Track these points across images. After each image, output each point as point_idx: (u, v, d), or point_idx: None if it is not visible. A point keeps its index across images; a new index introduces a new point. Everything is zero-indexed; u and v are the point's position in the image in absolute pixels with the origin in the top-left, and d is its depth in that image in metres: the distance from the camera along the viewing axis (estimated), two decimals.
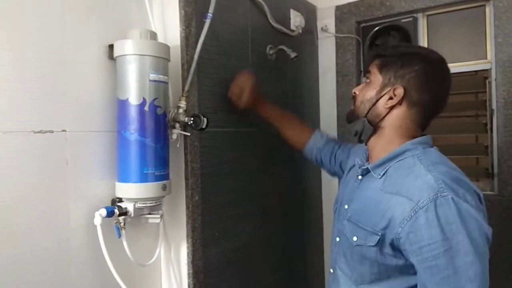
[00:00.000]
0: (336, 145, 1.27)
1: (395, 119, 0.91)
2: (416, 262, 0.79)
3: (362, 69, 1.82)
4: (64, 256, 0.89)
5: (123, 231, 0.94)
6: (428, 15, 1.70)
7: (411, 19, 1.69)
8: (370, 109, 0.92)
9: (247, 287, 1.27)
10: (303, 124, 1.35)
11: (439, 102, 0.93)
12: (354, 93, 0.99)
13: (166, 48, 0.98)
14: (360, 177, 0.97)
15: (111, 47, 0.96)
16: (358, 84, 1.81)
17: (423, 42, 1.70)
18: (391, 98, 0.89)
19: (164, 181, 0.97)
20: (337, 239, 1.01)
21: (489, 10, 1.56)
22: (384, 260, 0.86)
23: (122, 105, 0.93)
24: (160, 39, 1.03)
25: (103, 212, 0.91)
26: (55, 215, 0.87)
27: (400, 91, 0.88)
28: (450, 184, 0.79)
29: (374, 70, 0.93)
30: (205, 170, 1.13)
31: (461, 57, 1.63)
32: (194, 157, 1.10)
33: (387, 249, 0.84)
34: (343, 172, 1.15)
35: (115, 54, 0.94)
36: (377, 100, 0.91)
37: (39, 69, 0.85)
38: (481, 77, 1.59)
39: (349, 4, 1.79)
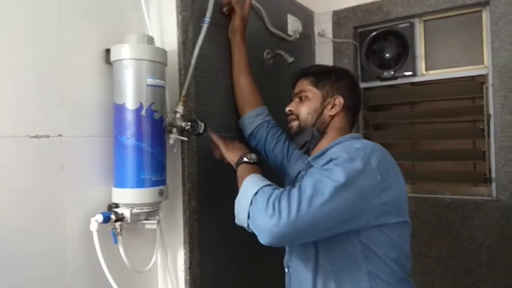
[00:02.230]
0: (275, 133, 1.26)
1: (337, 123, 1.06)
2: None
3: (359, 74, 1.82)
4: (59, 262, 0.87)
5: (119, 237, 0.93)
6: (425, 21, 1.71)
7: (408, 24, 1.70)
8: (317, 118, 1.06)
9: None
10: (254, 97, 1.28)
11: (360, 105, 1.14)
12: (290, 110, 1.10)
13: (163, 52, 0.97)
14: (303, 172, 1.08)
15: (108, 51, 0.95)
16: None
17: (420, 47, 1.71)
18: (333, 107, 1.05)
19: (161, 187, 0.97)
20: None
21: (485, 16, 1.57)
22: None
23: (119, 109, 0.92)
24: (157, 43, 1.03)
25: (99, 217, 0.89)
26: (51, 220, 0.86)
27: (340, 100, 1.05)
28: (368, 147, 0.91)
29: (308, 87, 1.08)
30: (202, 175, 1.13)
31: (458, 63, 1.64)
32: (191, 162, 1.09)
33: None
34: (282, 169, 1.24)
35: (112, 58, 0.93)
36: (322, 110, 1.05)
37: (34, 73, 0.84)
38: (478, 82, 1.60)
39: (346, 9, 1.80)
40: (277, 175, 1.25)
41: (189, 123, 1.02)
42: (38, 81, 0.84)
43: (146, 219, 0.99)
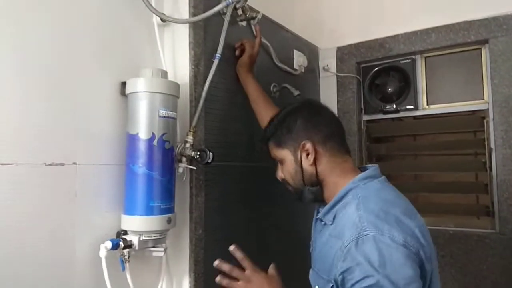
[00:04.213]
0: None
1: (324, 166, 0.96)
2: None
3: (362, 106, 1.87)
4: (68, 287, 0.89)
5: (127, 264, 0.94)
6: (426, 57, 1.77)
7: (409, 60, 1.76)
8: (303, 177, 0.97)
9: None
10: (272, 108, 1.25)
11: (336, 123, 1.02)
12: (281, 178, 1.04)
13: (176, 86, 1.02)
14: (317, 225, 1.02)
15: (123, 84, 1.00)
16: (359, 121, 1.86)
17: (421, 82, 1.76)
18: (308, 155, 0.95)
19: (169, 214, 0.99)
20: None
21: (485, 53, 1.63)
22: None
23: (132, 139, 0.97)
24: (171, 77, 1.08)
25: (109, 244, 0.92)
26: (62, 245, 0.89)
27: (307, 145, 0.95)
28: (374, 221, 0.81)
29: (277, 152, 1.01)
30: (209, 203, 1.15)
31: (459, 97, 1.69)
32: (199, 190, 1.12)
33: None
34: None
35: (127, 91, 0.98)
36: (301, 165, 0.96)
37: (52, 103, 0.89)
38: (478, 116, 1.64)
39: (349, 45, 1.87)
40: None
41: (198, 153, 1.06)
42: (55, 111, 0.89)
43: (154, 247, 1.01)
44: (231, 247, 1.00)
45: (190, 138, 1.08)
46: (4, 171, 0.79)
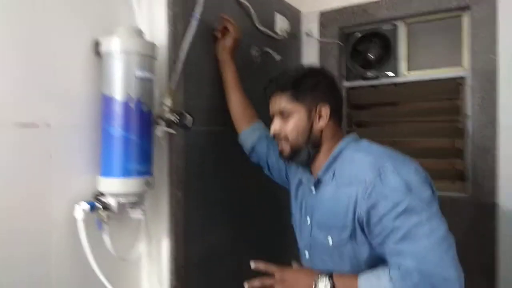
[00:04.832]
0: (272, 146, 1.22)
1: (328, 133, 1.01)
2: (378, 233, 0.86)
3: (344, 73, 1.87)
4: (45, 249, 0.89)
5: (104, 226, 0.95)
6: (409, 23, 1.76)
7: (392, 26, 1.75)
8: (308, 137, 1.00)
9: (227, 283, 1.28)
10: (249, 111, 1.29)
11: (342, 100, 1.08)
12: (277, 132, 1.02)
13: (153, 46, 0.99)
14: (313, 189, 1.03)
15: (97, 43, 0.97)
16: (340, 87, 1.85)
17: (403, 48, 1.76)
18: (320, 118, 0.99)
19: (147, 177, 0.99)
20: (306, 254, 1.07)
21: (466, 20, 1.62)
22: (360, 252, 0.92)
23: (108, 100, 0.94)
24: (147, 37, 1.05)
25: (85, 206, 0.92)
26: (37, 208, 0.88)
27: (326, 109, 0.99)
28: (388, 157, 0.92)
29: (288, 105, 0.99)
30: (189, 168, 1.15)
31: (439, 64, 1.70)
32: (179, 154, 1.12)
33: (360, 237, 0.91)
34: (286, 182, 1.23)
35: (102, 50, 0.95)
36: (311, 126, 0.99)
37: (22, 62, 0.85)
38: (457, 83, 1.65)
39: (332, 10, 1.84)
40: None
41: (177, 116, 1.05)
42: (25, 71, 0.85)
43: (132, 209, 1.01)
44: (252, 265, 1.01)
45: (168, 101, 1.06)
46: None
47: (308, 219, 1.05)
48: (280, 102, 1.01)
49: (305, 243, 1.08)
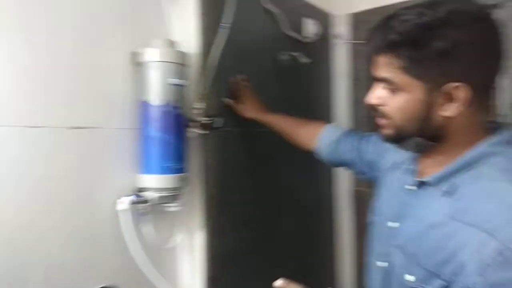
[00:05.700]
0: (357, 139, 1.06)
1: (462, 123, 0.66)
2: None
3: None
4: (95, 238, 1.01)
5: (144, 217, 1.06)
6: None
7: None
8: (422, 126, 0.68)
9: (255, 276, 1.35)
10: (310, 123, 1.21)
11: (504, 54, 0.64)
12: (375, 104, 0.72)
13: (185, 55, 1.10)
14: (413, 187, 0.74)
15: (135, 54, 1.09)
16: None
17: None
18: (449, 102, 0.64)
19: (182, 174, 1.09)
20: (379, 264, 0.78)
21: None
22: None
23: (145, 106, 1.06)
24: (180, 47, 1.15)
25: (128, 199, 1.03)
26: (88, 201, 1.00)
27: (463, 91, 0.62)
28: None
29: (398, 75, 0.65)
30: (221, 166, 1.24)
31: None
32: (211, 154, 1.21)
33: None
34: (377, 174, 0.93)
35: (139, 60, 1.07)
36: (428, 111, 0.65)
37: (74, 71, 0.98)
38: None
39: (364, 11, 1.86)
40: None
41: (208, 118, 1.15)
42: (78, 80, 0.98)
43: (169, 203, 1.11)
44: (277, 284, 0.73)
45: (200, 105, 1.16)
46: (34, 133, 0.90)
47: (396, 224, 0.75)
48: (387, 68, 0.66)
49: (382, 252, 0.78)
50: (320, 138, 1.15)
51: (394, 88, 0.68)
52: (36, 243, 0.90)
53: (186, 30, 1.20)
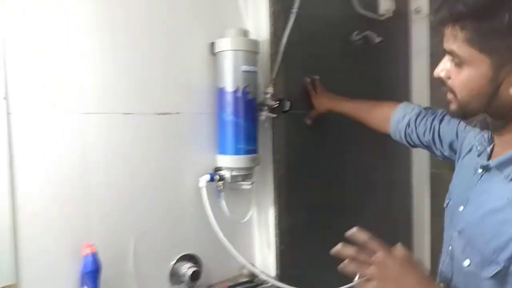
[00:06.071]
0: (436, 117, 1.01)
1: None
2: None
3: None
4: (179, 210, 1.15)
5: (222, 193, 1.17)
6: None
7: None
8: (489, 103, 0.66)
9: (324, 252, 1.40)
10: (383, 105, 1.20)
11: None
12: (442, 78, 0.71)
13: (256, 43, 1.17)
14: (480, 170, 0.73)
15: (212, 44, 1.18)
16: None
17: None
18: None
19: (254, 155, 1.18)
20: (449, 247, 0.79)
21: None
22: None
23: (221, 92, 1.15)
24: (252, 35, 1.22)
25: (207, 177, 1.15)
26: (175, 180, 1.14)
27: None
28: None
29: (463, 49, 0.63)
30: (289, 146, 1.31)
31: None
32: (280, 135, 1.28)
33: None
34: (456, 154, 0.90)
35: (215, 50, 1.16)
36: (496, 89, 0.63)
37: (160, 65, 1.10)
38: None
39: None
40: None
41: (278, 102, 1.21)
42: (163, 70, 1.10)
43: (243, 181, 1.21)
44: (353, 231, 0.77)
45: (270, 89, 1.22)
46: (132, 119, 1.05)
47: (461, 207, 0.76)
48: (454, 41, 0.64)
49: (451, 236, 0.78)
50: (393, 120, 1.14)
51: (459, 61, 0.66)
52: (136, 215, 1.06)
53: (258, 18, 1.26)
